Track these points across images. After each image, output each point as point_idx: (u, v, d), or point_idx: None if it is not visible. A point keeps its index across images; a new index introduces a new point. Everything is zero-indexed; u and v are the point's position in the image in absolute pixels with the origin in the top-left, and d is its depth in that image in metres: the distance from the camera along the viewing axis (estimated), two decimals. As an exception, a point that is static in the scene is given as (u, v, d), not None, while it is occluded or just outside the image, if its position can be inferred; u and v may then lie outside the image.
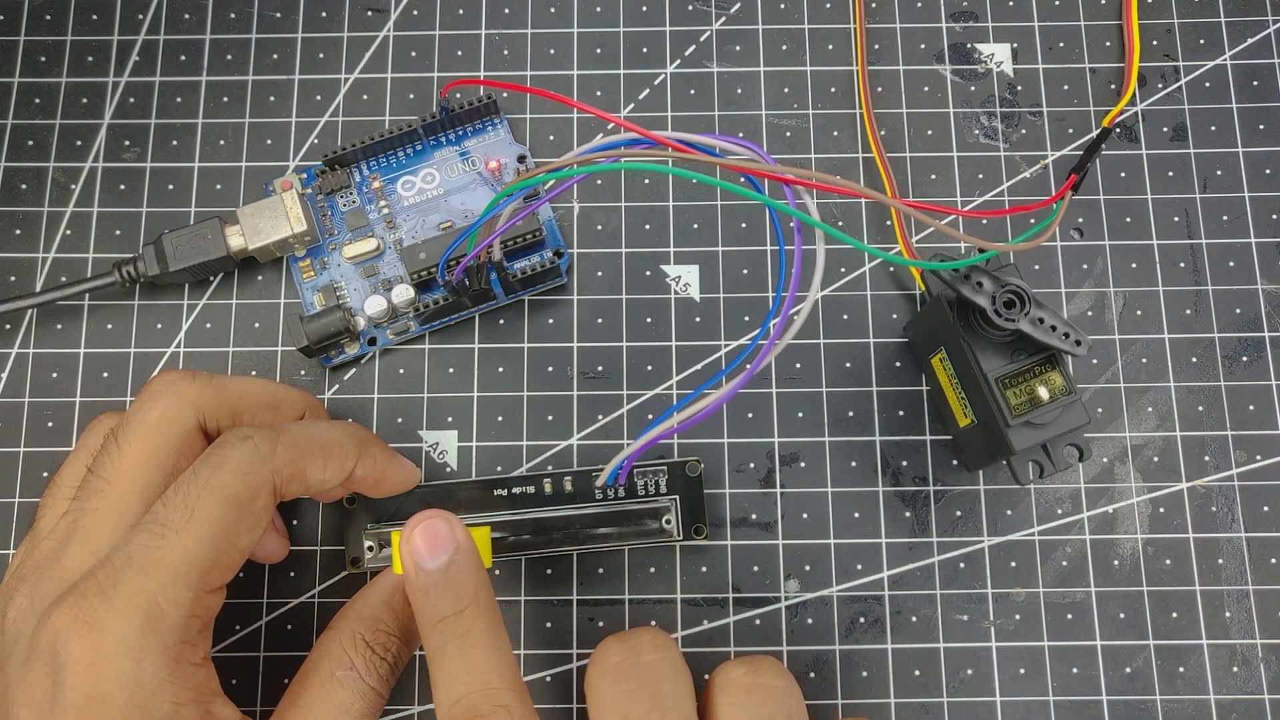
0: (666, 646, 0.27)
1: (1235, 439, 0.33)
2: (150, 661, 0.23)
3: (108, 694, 0.23)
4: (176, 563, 0.24)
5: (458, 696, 0.25)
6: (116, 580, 0.24)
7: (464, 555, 0.27)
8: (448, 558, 0.27)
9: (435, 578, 0.26)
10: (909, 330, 0.34)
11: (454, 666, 0.26)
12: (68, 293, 0.33)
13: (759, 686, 0.26)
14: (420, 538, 0.27)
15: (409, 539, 0.27)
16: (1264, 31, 0.36)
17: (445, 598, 0.26)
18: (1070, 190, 0.33)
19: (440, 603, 0.26)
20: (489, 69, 0.36)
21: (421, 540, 0.27)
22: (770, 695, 0.26)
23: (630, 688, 0.26)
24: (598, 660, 0.27)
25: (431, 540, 0.27)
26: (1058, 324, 0.28)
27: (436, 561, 0.26)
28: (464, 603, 0.26)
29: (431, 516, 0.27)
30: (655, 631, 0.28)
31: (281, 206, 0.33)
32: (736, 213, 0.35)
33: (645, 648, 0.27)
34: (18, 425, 0.33)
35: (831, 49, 0.36)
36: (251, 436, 0.26)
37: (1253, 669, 0.31)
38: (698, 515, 0.32)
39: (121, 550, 0.24)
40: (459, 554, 0.27)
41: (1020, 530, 0.33)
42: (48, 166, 0.35)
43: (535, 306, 0.34)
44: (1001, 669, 0.32)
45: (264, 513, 0.26)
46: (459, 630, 0.26)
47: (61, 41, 0.36)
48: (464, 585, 0.26)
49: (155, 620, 0.24)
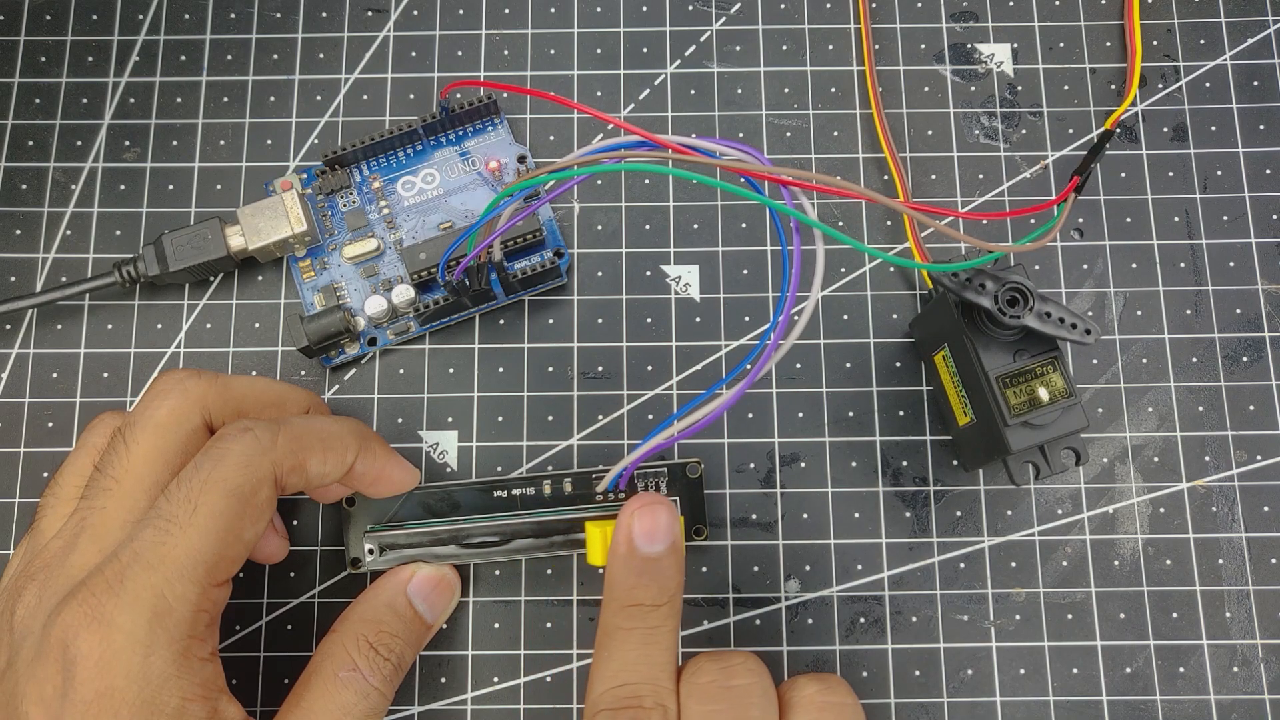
0: (759, 672, 0.27)
1: (1235, 439, 0.33)
2: (158, 657, 0.24)
3: (117, 689, 0.23)
4: (182, 558, 0.24)
5: (624, 681, 0.25)
6: (124, 577, 0.24)
7: (677, 551, 0.27)
8: (664, 547, 0.27)
9: (645, 564, 0.26)
10: (913, 327, 0.34)
11: (633, 653, 0.26)
12: (68, 293, 0.33)
13: (831, 706, 0.26)
14: (641, 521, 0.27)
15: (633, 514, 0.27)
16: (1264, 32, 0.36)
17: (649, 585, 0.26)
18: (1074, 192, 0.33)
19: (642, 589, 0.26)
20: (489, 69, 0.36)
21: (641, 523, 0.27)
22: (843, 713, 0.26)
23: (718, 709, 0.26)
24: (688, 678, 0.26)
25: (651, 525, 0.27)
26: (1064, 315, 0.28)
27: (653, 548, 0.26)
28: (664, 597, 0.26)
29: (656, 502, 0.27)
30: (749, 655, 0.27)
31: (281, 206, 0.33)
32: (736, 213, 0.35)
33: (738, 671, 0.26)
34: (18, 425, 0.33)
35: (831, 49, 0.36)
36: (252, 429, 0.26)
37: (1253, 669, 0.31)
38: (698, 516, 0.32)
39: (128, 547, 0.24)
40: (674, 548, 0.27)
41: (1020, 530, 0.33)
42: (48, 166, 0.35)
43: (535, 307, 0.34)
44: (1002, 669, 0.32)
45: (267, 505, 0.26)
46: (652, 622, 0.26)
47: (61, 41, 0.36)
48: (670, 579, 0.26)
49: (163, 615, 0.24)
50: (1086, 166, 0.33)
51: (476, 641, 0.32)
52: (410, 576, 0.30)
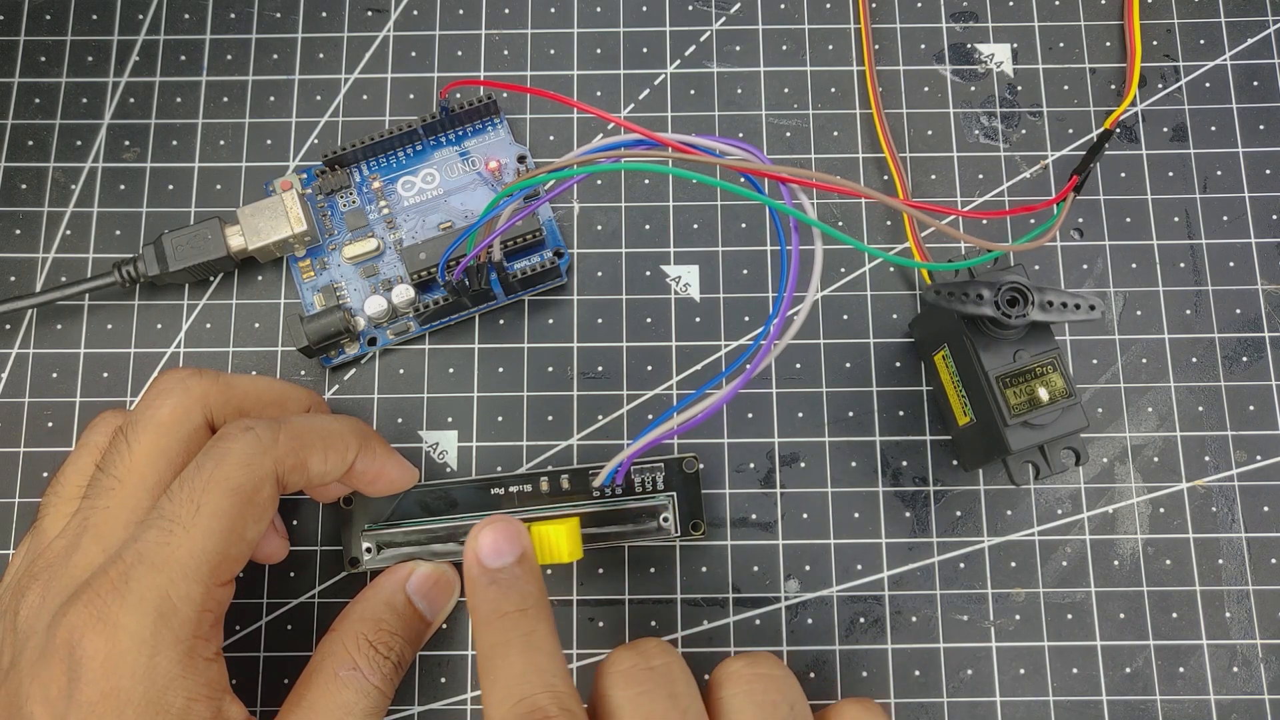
0: (672, 651, 0.27)
1: (1235, 439, 0.33)
2: (164, 657, 0.24)
3: (122, 690, 0.23)
4: (186, 558, 0.24)
5: (522, 695, 0.25)
6: (128, 577, 0.24)
7: (530, 559, 0.27)
8: (514, 557, 0.27)
9: (500, 574, 0.26)
10: (913, 327, 0.34)
11: (518, 664, 0.25)
12: (68, 293, 0.33)
13: (760, 676, 0.27)
14: (488, 536, 0.27)
15: (477, 536, 0.27)
16: (1264, 32, 0.36)
17: (510, 594, 0.26)
18: (1073, 191, 0.33)
19: (504, 598, 0.26)
20: (489, 69, 0.36)
21: (489, 538, 0.27)
22: (771, 684, 0.26)
23: (645, 689, 0.26)
24: (608, 670, 0.27)
25: (494, 540, 0.27)
26: (1066, 299, 0.28)
27: (502, 560, 0.27)
28: (529, 602, 0.26)
29: (498, 519, 0.27)
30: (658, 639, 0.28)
31: (281, 206, 0.33)
32: (736, 213, 0.35)
33: (654, 653, 0.27)
34: (18, 425, 0.33)
35: (831, 49, 0.36)
36: (253, 427, 0.26)
37: (1253, 669, 0.31)
38: (695, 511, 0.32)
39: (132, 547, 0.24)
40: (525, 557, 0.27)
41: (1020, 530, 0.33)
42: (48, 166, 0.35)
43: (535, 306, 0.34)
44: (1001, 669, 0.32)
45: (269, 503, 0.26)
46: (524, 628, 0.26)
47: (61, 41, 0.36)
48: (529, 585, 0.27)
49: (168, 616, 0.24)
50: (1086, 166, 0.33)
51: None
52: (409, 574, 0.30)
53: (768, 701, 0.26)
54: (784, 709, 0.26)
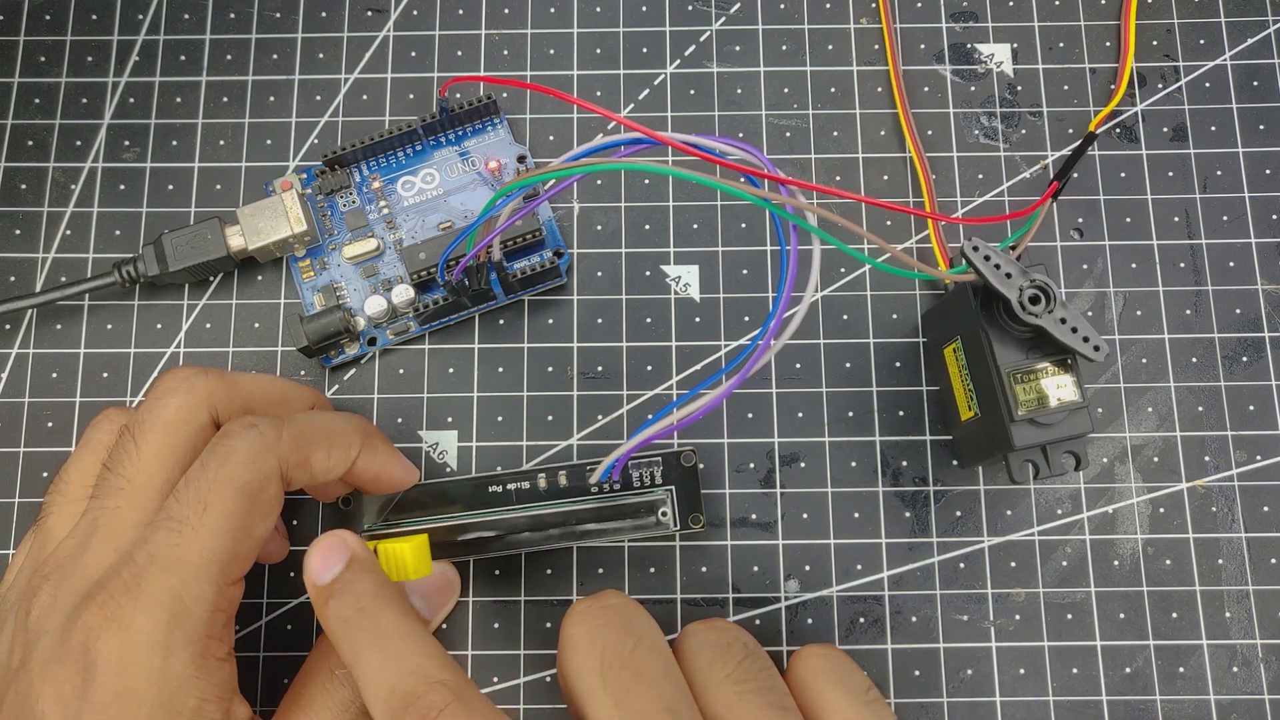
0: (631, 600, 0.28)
1: (1235, 439, 0.33)
2: (177, 658, 0.24)
3: (136, 690, 0.23)
4: (196, 559, 0.24)
5: (389, 688, 0.24)
6: (141, 579, 0.24)
7: (359, 562, 0.27)
8: (341, 566, 0.26)
9: (334, 586, 0.26)
10: (926, 319, 0.34)
11: (373, 660, 0.25)
12: (68, 293, 0.33)
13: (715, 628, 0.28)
14: (314, 556, 0.27)
15: (306, 563, 0.27)
16: (1264, 31, 0.36)
17: (344, 601, 0.26)
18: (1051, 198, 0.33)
19: (340, 607, 0.26)
20: (489, 69, 0.36)
21: (316, 558, 0.26)
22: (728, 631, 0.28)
23: (601, 624, 0.26)
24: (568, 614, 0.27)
25: (324, 555, 0.27)
26: (1079, 327, 0.28)
27: (330, 573, 0.26)
28: (364, 600, 0.26)
29: (324, 536, 0.27)
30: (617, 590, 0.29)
31: (281, 206, 0.33)
32: (736, 213, 0.35)
33: (610, 595, 0.28)
34: (18, 425, 0.33)
35: (831, 49, 0.36)
36: (256, 424, 0.26)
37: (1253, 669, 0.31)
38: (694, 505, 0.32)
39: (143, 548, 0.24)
40: (353, 561, 0.27)
41: (1020, 530, 0.33)
42: (48, 166, 0.35)
43: (535, 306, 0.34)
44: (1001, 669, 0.32)
45: (275, 501, 0.26)
46: (366, 626, 0.25)
47: (61, 41, 0.36)
48: (361, 586, 0.26)
49: (181, 617, 0.24)
50: (1065, 173, 0.33)
51: (476, 641, 0.32)
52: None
53: (722, 643, 0.27)
54: (739, 649, 0.27)
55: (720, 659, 0.27)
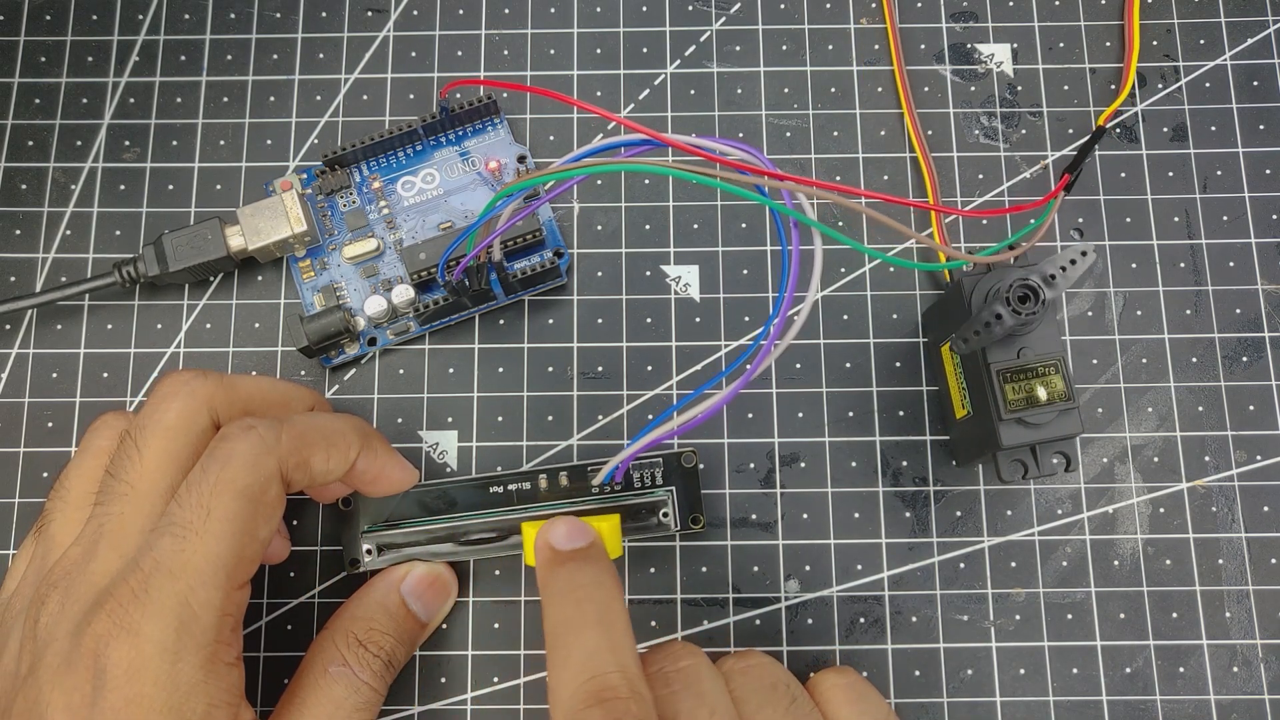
0: (698, 653, 0.28)
1: (1235, 439, 0.33)
2: (186, 663, 0.24)
3: (146, 696, 0.23)
4: (202, 564, 0.24)
5: (594, 671, 0.24)
6: (148, 586, 0.24)
7: (601, 549, 0.28)
8: (585, 543, 0.28)
9: (573, 555, 0.27)
10: (926, 319, 0.34)
11: (592, 639, 0.25)
12: (68, 293, 0.33)
13: (750, 668, 0.28)
14: (562, 525, 0.28)
15: (550, 528, 0.28)
16: (1264, 32, 0.36)
17: (584, 569, 0.27)
18: (1064, 190, 0.33)
19: (579, 573, 0.27)
20: (489, 69, 0.36)
21: (564, 527, 0.28)
22: (766, 670, 0.28)
23: (673, 691, 0.26)
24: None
25: (571, 528, 0.28)
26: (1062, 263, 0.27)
27: (575, 544, 0.28)
28: (604, 579, 0.27)
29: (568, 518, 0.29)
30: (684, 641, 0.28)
31: (281, 206, 0.33)
32: (736, 213, 0.35)
33: (680, 654, 0.27)
34: (18, 425, 0.33)
35: (831, 49, 0.36)
36: (255, 427, 0.26)
37: (1253, 669, 0.31)
38: (694, 506, 0.32)
39: (148, 555, 0.24)
40: (597, 545, 0.28)
41: (1020, 530, 0.33)
42: (48, 166, 0.35)
43: (535, 307, 0.34)
44: (1001, 669, 0.32)
45: (277, 502, 0.26)
46: (600, 602, 0.26)
47: (61, 41, 0.36)
48: (603, 566, 0.27)
49: (189, 623, 0.24)
50: (1078, 164, 0.33)
51: (476, 641, 0.32)
52: (404, 575, 0.31)
53: (767, 685, 0.28)
54: (782, 689, 0.28)
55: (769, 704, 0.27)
